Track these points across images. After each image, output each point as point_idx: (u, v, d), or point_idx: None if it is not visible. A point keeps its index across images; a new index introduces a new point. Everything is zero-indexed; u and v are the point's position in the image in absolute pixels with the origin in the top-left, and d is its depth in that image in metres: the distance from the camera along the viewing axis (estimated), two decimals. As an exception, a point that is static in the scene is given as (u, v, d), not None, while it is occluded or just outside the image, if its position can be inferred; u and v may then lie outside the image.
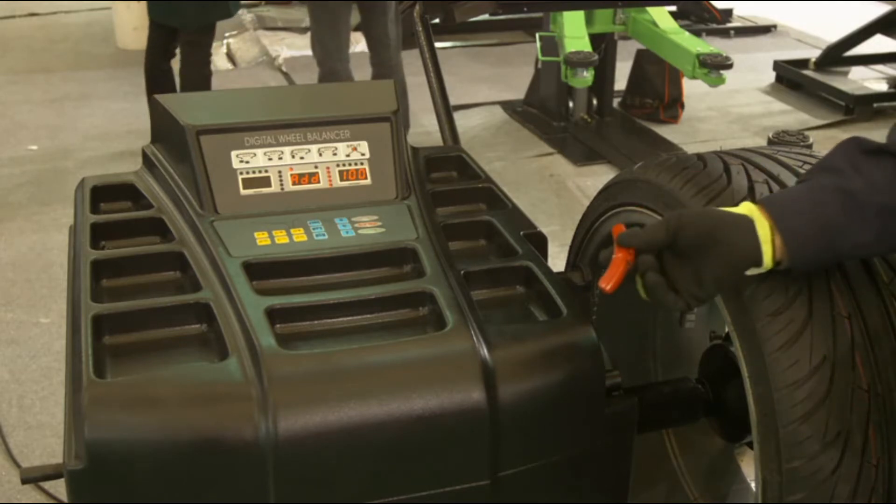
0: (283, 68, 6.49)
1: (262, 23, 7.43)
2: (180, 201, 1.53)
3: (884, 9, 6.17)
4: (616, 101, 5.61)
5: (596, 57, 4.36)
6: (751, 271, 1.15)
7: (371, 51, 4.58)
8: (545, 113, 5.45)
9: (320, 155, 1.59)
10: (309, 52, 4.79)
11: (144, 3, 4.61)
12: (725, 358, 1.56)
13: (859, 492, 1.14)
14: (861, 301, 1.19)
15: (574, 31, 4.61)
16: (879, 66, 6.34)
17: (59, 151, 5.00)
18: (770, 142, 3.28)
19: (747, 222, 1.13)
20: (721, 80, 4.32)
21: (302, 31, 6.95)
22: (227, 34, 7.04)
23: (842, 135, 5.32)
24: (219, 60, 6.56)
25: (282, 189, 1.55)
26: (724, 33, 7.48)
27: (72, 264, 1.48)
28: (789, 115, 5.70)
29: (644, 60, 5.47)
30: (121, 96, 5.77)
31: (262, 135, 1.57)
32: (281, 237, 1.46)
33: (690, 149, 4.88)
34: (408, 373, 1.21)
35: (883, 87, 5.97)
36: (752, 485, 1.73)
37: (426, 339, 1.27)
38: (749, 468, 1.79)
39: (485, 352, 1.23)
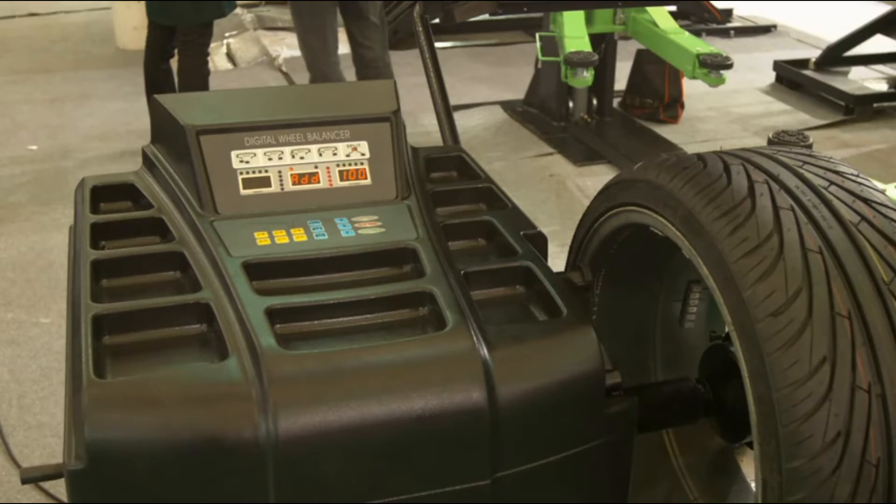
0: (283, 68, 6.49)
1: (262, 23, 7.44)
2: (180, 201, 1.53)
3: (884, 9, 6.17)
4: (616, 101, 5.61)
5: (596, 57, 4.36)
6: None
7: (353, 52, 4.57)
8: (545, 113, 5.45)
9: (320, 155, 1.59)
10: (309, 53, 4.79)
11: (144, 2, 4.63)
12: (725, 358, 1.55)
13: (859, 492, 1.14)
14: (861, 301, 1.19)
15: (574, 31, 4.61)
16: (879, 66, 6.34)
17: (59, 151, 5.00)
18: (770, 142, 3.28)
19: None
20: (721, 80, 4.32)
21: (302, 31, 6.95)
22: (227, 34, 7.04)
23: (842, 135, 5.33)
24: (219, 60, 6.57)
25: (282, 189, 1.55)
26: (724, 33, 7.48)
27: (72, 264, 1.48)
28: (789, 115, 5.70)
29: (644, 60, 5.47)
30: (121, 96, 5.77)
31: (262, 135, 1.57)
32: (281, 237, 1.46)
33: (690, 149, 4.88)
34: (408, 373, 1.21)
35: (883, 87, 5.97)
36: (752, 485, 1.73)
37: (426, 339, 1.27)
38: (749, 468, 1.79)
39: (485, 352, 1.23)
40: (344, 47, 4.66)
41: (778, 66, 6.27)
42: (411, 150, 1.70)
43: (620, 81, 5.55)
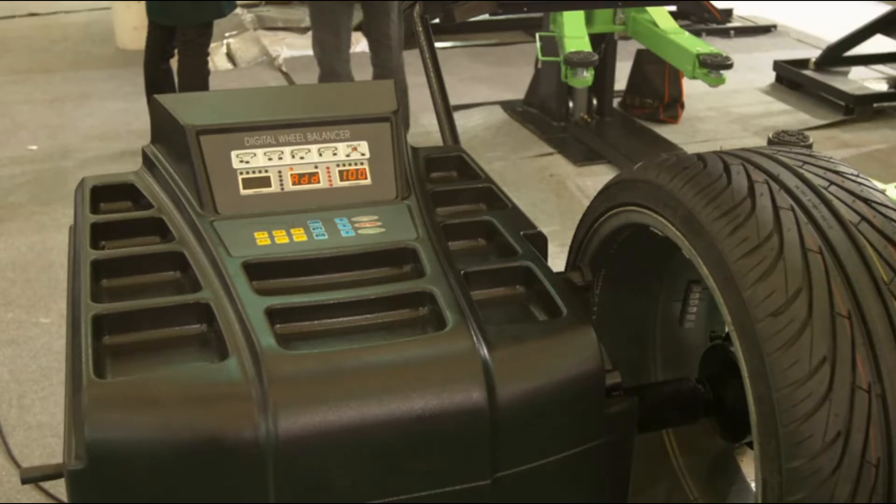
0: (283, 68, 6.49)
1: (262, 23, 7.44)
2: (180, 201, 1.53)
3: (884, 9, 6.17)
4: (616, 101, 5.61)
5: (596, 57, 4.35)
6: None
7: (372, 51, 4.60)
8: (545, 113, 5.45)
9: (320, 155, 1.59)
10: (309, 52, 4.80)
11: (144, 2, 4.63)
12: (725, 358, 1.55)
13: (859, 492, 1.14)
14: (861, 301, 1.19)
15: (574, 31, 4.61)
16: (879, 66, 6.34)
17: (59, 151, 5.00)
18: (770, 142, 3.28)
19: None
20: (721, 80, 4.32)
21: (302, 31, 6.96)
22: (227, 34, 7.04)
23: (842, 135, 5.33)
24: (219, 60, 6.57)
25: (282, 189, 1.55)
26: (724, 33, 7.48)
27: (72, 264, 1.48)
28: (789, 115, 5.70)
29: (644, 60, 5.47)
30: (121, 96, 5.77)
31: (262, 135, 1.57)
32: (281, 237, 1.46)
33: (690, 149, 4.88)
34: (408, 373, 1.21)
35: (883, 87, 5.97)
36: (752, 485, 1.73)
37: (426, 339, 1.27)
38: (749, 468, 1.79)
39: (485, 352, 1.23)
40: (355, 47, 4.67)
41: (778, 66, 6.27)
42: (411, 150, 1.70)
43: (620, 81, 5.55)
